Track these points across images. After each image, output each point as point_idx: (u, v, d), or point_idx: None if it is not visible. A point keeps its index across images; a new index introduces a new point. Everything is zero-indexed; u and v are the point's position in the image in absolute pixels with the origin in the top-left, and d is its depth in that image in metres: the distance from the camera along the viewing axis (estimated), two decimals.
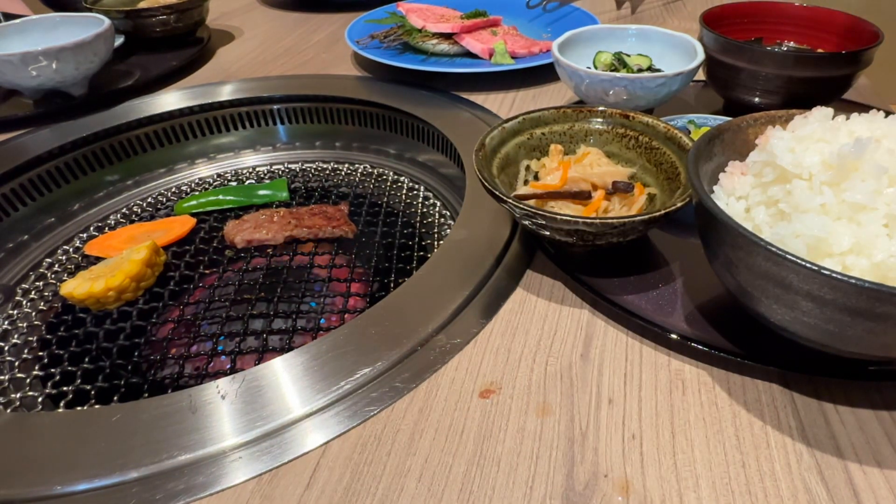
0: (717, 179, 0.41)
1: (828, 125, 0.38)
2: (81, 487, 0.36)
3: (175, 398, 0.41)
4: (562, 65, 0.68)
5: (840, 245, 0.32)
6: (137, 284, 0.61)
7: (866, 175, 0.33)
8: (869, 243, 0.32)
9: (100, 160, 0.80)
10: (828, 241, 0.32)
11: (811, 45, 0.71)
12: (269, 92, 0.87)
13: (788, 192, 0.35)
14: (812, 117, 0.40)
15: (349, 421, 0.39)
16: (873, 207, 0.33)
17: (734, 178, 0.40)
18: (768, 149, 0.38)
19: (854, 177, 0.34)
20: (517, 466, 0.35)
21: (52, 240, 0.74)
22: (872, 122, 0.38)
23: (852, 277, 0.29)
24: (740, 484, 0.34)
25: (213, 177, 0.85)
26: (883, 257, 0.31)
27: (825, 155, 0.35)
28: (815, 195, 0.34)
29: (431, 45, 0.90)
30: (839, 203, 0.33)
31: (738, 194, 0.39)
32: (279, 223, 0.68)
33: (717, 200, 0.38)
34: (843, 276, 0.29)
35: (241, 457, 0.37)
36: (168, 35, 1.01)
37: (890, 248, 0.31)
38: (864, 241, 0.32)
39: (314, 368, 0.42)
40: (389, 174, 0.83)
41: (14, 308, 0.63)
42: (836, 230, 0.32)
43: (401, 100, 0.81)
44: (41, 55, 0.76)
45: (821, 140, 0.37)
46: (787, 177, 0.36)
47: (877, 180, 0.33)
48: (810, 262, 0.30)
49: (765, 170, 0.38)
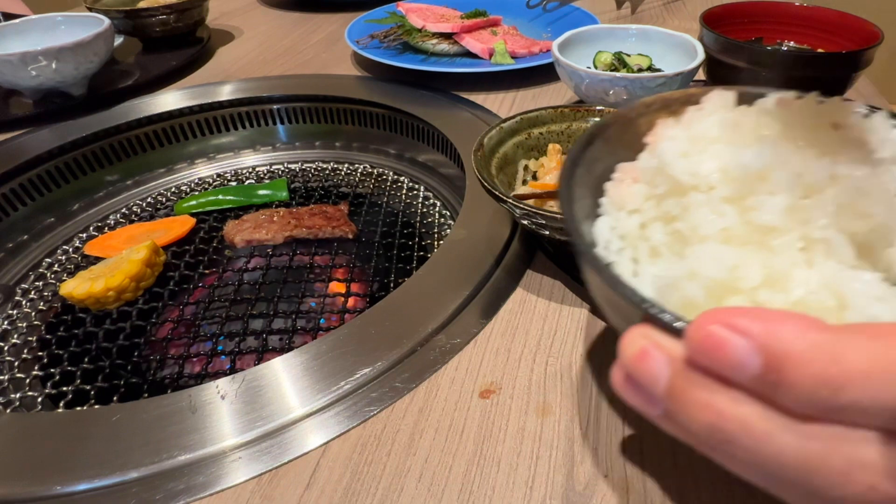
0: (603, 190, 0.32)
1: (728, 119, 0.29)
2: (81, 488, 0.36)
3: (175, 398, 0.41)
4: (562, 65, 0.68)
5: (749, 279, 0.25)
6: (137, 284, 0.61)
7: (777, 186, 0.26)
8: (784, 275, 0.25)
9: (99, 160, 0.80)
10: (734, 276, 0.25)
11: (811, 45, 0.71)
12: (268, 92, 0.87)
13: (685, 209, 0.28)
14: (708, 106, 0.31)
15: (349, 421, 0.39)
16: (787, 229, 0.25)
17: (624, 187, 0.31)
18: (657, 153, 0.30)
19: (762, 189, 0.26)
20: (517, 466, 0.35)
21: (51, 240, 0.74)
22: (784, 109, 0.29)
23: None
24: (742, 484, 0.34)
25: (213, 177, 0.85)
26: (802, 293, 0.24)
27: (725, 160, 0.28)
28: (714, 217, 0.26)
29: (431, 44, 0.90)
30: (744, 224, 0.26)
31: (629, 207, 0.30)
32: (279, 223, 0.68)
33: (605, 216, 0.31)
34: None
35: (241, 457, 0.37)
36: (168, 35, 1.01)
37: (809, 280, 0.24)
38: (779, 272, 0.25)
39: (314, 368, 0.42)
40: (389, 174, 0.83)
41: (13, 308, 0.63)
42: (744, 260, 0.25)
43: (401, 100, 0.81)
44: (41, 55, 0.76)
45: (719, 140, 0.29)
46: (682, 189, 0.28)
47: (790, 193, 0.26)
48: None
49: (656, 178, 0.30)
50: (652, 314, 0.21)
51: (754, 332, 0.17)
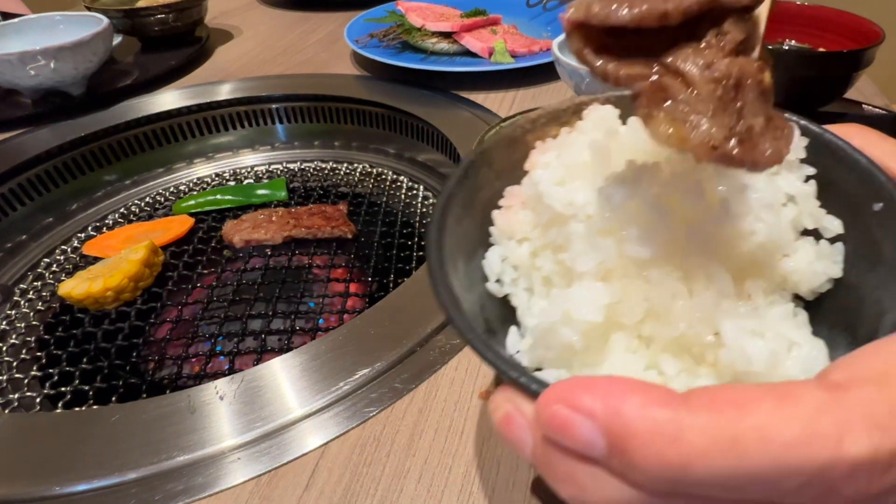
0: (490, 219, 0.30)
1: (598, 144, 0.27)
2: (80, 488, 0.36)
3: (174, 399, 0.41)
4: (562, 64, 0.68)
5: (632, 314, 0.24)
6: (136, 284, 0.60)
7: (645, 220, 0.24)
8: (665, 308, 0.24)
9: (98, 160, 0.80)
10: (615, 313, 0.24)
11: (812, 44, 0.70)
12: (267, 91, 0.87)
13: (568, 239, 0.26)
14: (584, 125, 0.29)
15: (348, 422, 0.39)
16: (663, 260, 0.24)
17: (512, 214, 0.29)
18: (533, 181, 0.28)
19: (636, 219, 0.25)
20: (517, 467, 0.35)
21: (50, 240, 0.74)
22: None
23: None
24: None
25: (212, 176, 0.85)
26: (683, 328, 0.23)
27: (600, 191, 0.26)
28: (591, 251, 0.25)
29: (431, 43, 0.90)
30: (621, 258, 0.24)
31: (519, 236, 0.29)
32: (278, 223, 0.68)
33: (496, 246, 0.29)
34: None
35: (240, 458, 0.37)
36: (167, 34, 1.01)
37: (689, 313, 0.23)
38: (660, 305, 0.24)
39: (313, 369, 0.42)
40: (388, 174, 0.82)
41: (12, 308, 0.63)
42: (625, 295, 0.24)
43: (400, 99, 0.81)
44: (39, 54, 0.76)
45: (592, 166, 0.27)
46: (563, 218, 0.27)
47: (656, 216, 0.24)
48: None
49: (538, 206, 0.28)
50: (512, 379, 0.21)
51: (597, 413, 0.17)
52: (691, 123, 0.20)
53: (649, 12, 0.20)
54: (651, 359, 0.24)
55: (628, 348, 0.24)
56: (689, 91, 0.21)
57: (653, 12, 0.20)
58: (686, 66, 0.21)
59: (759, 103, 0.21)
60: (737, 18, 0.21)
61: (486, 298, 0.28)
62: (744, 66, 0.21)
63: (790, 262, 0.26)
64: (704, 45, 0.21)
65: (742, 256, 0.25)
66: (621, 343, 0.24)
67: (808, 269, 0.26)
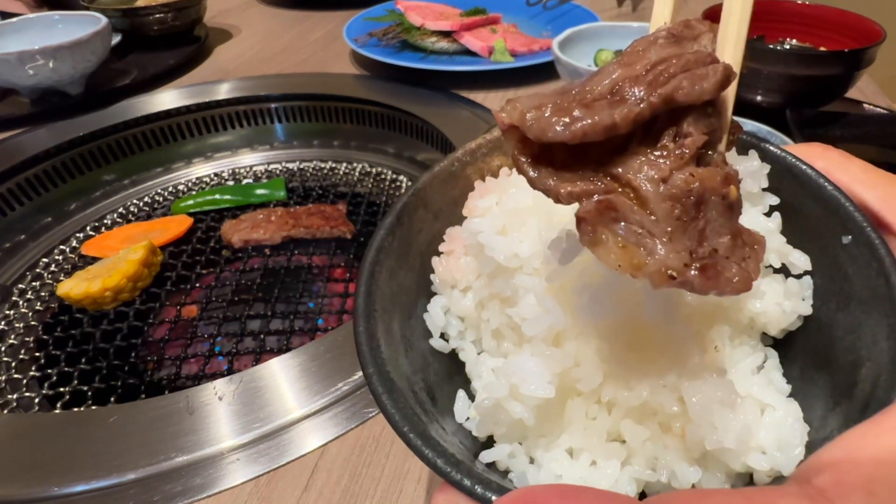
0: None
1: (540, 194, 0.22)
2: (79, 489, 0.36)
3: (172, 399, 0.41)
4: (562, 63, 0.67)
5: (589, 379, 0.22)
6: (134, 284, 0.60)
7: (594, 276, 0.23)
8: (625, 372, 0.22)
9: (97, 159, 0.80)
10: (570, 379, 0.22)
11: (813, 44, 0.70)
12: (266, 90, 0.86)
13: (515, 291, 0.24)
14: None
15: (347, 423, 0.39)
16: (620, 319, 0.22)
17: (453, 261, 0.27)
18: (473, 230, 0.26)
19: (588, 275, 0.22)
20: None
21: (48, 240, 0.73)
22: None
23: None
24: None
25: (211, 176, 0.84)
26: (647, 394, 0.21)
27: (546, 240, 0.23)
28: (540, 312, 0.23)
29: (430, 42, 0.90)
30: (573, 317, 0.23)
31: (462, 285, 0.26)
32: (277, 223, 0.68)
33: (438, 296, 0.27)
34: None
35: (239, 458, 0.37)
36: (165, 33, 1.01)
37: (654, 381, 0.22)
38: (618, 369, 0.22)
39: (312, 370, 0.42)
40: (388, 173, 0.82)
41: (11, 308, 0.62)
42: (581, 356, 0.22)
43: (399, 98, 0.81)
44: (38, 54, 0.76)
45: (534, 211, 0.25)
46: (509, 269, 0.25)
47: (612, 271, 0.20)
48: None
49: (481, 256, 0.25)
50: (455, 482, 0.19)
51: None
52: (646, 248, 0.17)
53: (593, 127, 0.17)
54: (613, 425, 0.22)
55: (588, 414, 0.23)
56: (643, 210, 0.18)
57: (597, 127, 0.17)
58: (639, 179, 0.18)
59: (724, 220, 0.18)
60: (698, 115, 0.19)
61: (431, 356, 0.26)
62: (706, 180, 0.18)
63: (757, 302, 0.24)
64: (660, 150, 0.18)
65: (706, 302, 0.24)
66: (579, 410, 0.22)
67: (777, 309, 0.24)
